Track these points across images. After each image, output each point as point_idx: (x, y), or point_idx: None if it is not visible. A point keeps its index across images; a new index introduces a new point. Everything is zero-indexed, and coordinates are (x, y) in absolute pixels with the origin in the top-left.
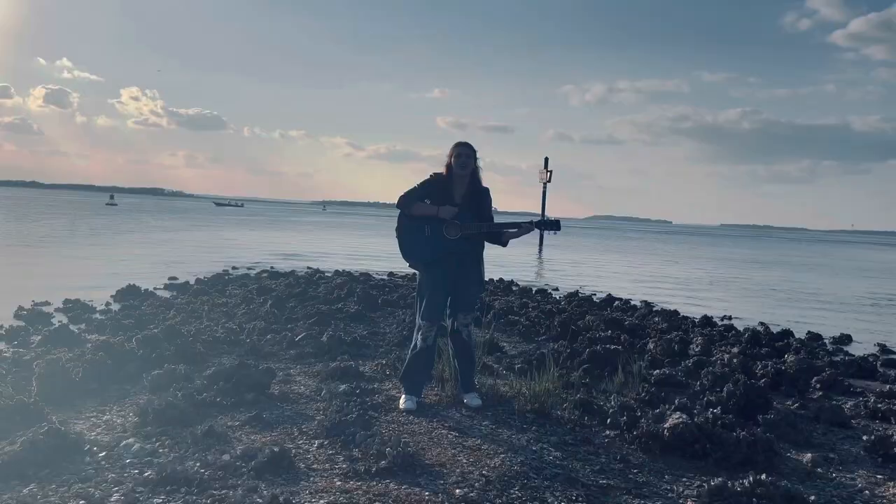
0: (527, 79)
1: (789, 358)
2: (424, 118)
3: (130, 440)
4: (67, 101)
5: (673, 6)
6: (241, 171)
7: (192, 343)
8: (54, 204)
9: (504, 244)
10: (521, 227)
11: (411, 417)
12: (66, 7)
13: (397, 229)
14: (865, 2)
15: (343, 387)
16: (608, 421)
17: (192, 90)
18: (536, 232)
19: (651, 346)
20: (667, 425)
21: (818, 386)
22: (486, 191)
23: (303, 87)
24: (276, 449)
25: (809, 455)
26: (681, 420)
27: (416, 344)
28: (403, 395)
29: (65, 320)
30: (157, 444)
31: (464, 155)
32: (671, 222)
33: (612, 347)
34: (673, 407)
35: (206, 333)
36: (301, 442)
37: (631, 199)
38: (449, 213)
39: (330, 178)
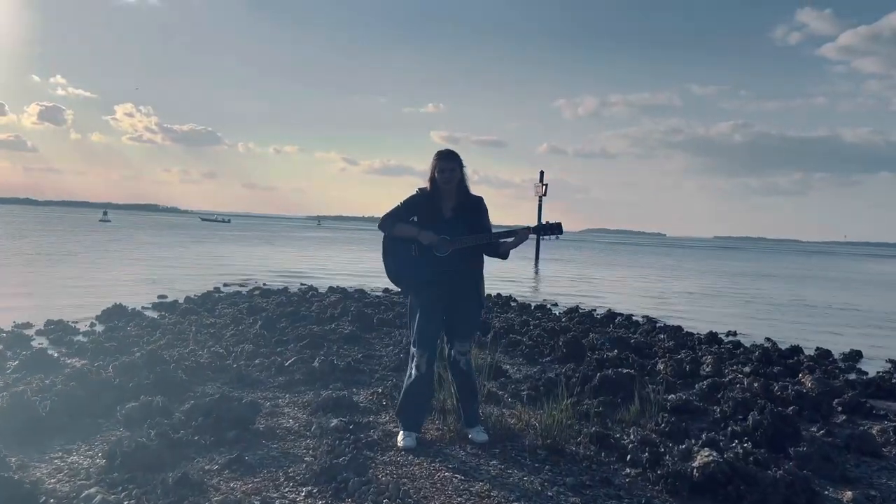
0: (519, 93)
1: (807, 379)
2: (418, 133)
3: (93, 490)
4: (62, 117)
5: (663, 20)
6: (236, 187)
7: (173, 370)
8: (47, 221)
9: (504, 256)
10: (518, 235)
11: (411, 457)
12: (59, 24)
13: (383, 252)
14: (855, 14)
15: (335, 421)
16: (628, 457)
17: (186, 106)
18: (531, 243)
19: (661, 366)
20: (696, 464)
21: (840, 409)
22: (480, 200)
23: (297, 103)
24: (257, 501)
25: (850, 493)
26: (711, 458)
27: (410, 373)
28: (402, 432)
29: (45, 343)
30: (123, 494)
31: (447, 169)
32: (665, 235)
33: (625, 372)
34: (700, 442)
35: (190, 359)
36: (287, 490)
37: (625, 211)
38: (429, 238)
39: (325, 193)
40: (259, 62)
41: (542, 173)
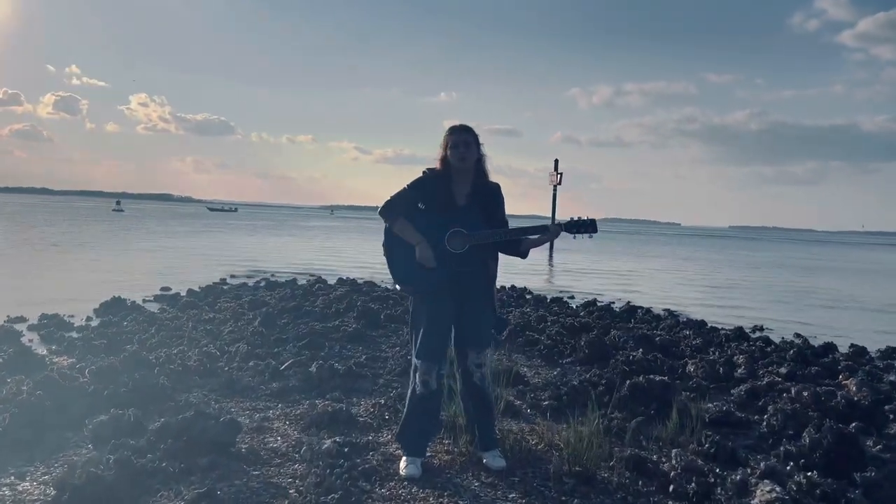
0: (533, 82)
1: (850, 383)
2: (431, 122)
3: None
4: (77, 107)
5: (679, 8)
6: (250, 176)
7: (156, 375)
8: (61, 210)
9: (524, 254)
10: (548, 232)
11: (415, 489)
12: (74, 14)
13: (385, 245)
14: (874, 1)
15: (328, 443)
16: (671, 488)
17: (199, 96)
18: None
19: (691, 368)
20: (756, 502)
21: (892, 417)
22: (497, 187)
23: (309, 92)
24: None
25: None
26: (775, 495)
27: (414, 390)
28: (404, 458)
29: (35, 340)
30: None
31: (462, 144)
32: (680, 224)
33: (658, 379)
34: (758, 471)
35: (177, 361)
36: None
37: (639, 201)
38: (426, 258)
39: (338, 182)
40: (271, 51)
41: (556, 162)
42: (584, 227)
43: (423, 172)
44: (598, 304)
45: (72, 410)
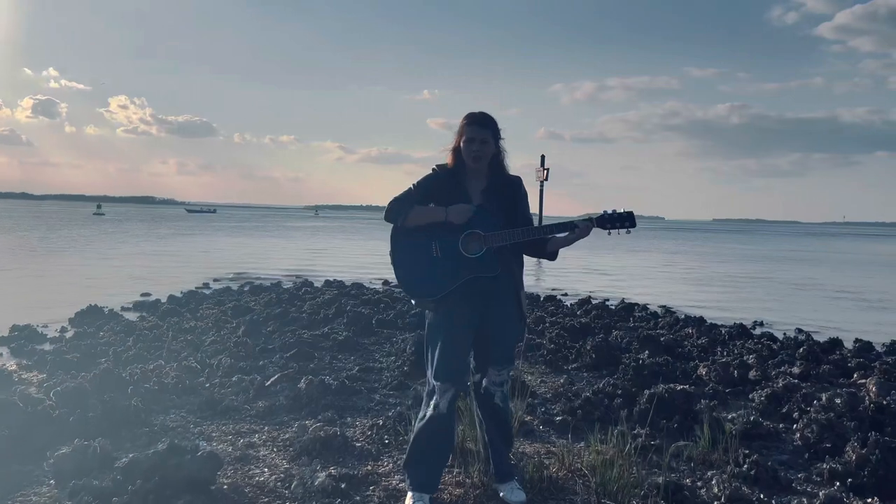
0: (516, 78)
1: (870, 383)
2: (415, 120)
3: None
4: (56, 111)
5: (659, 2)
6: (233, 178)
7: (129, 395)
8: (41, 215)
9: (552, 256)
10: (579, 230)
11: None
12: (51, 16)
13: (391, 253)
14: None
15: (322, 476)
16: None
17: (180, 97)
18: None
19: (703, 371)
20: None
21: None
22: (518, 182)
23: (292, 93)
24: None
25: None
26: None
27: (424, 413)
28: (410, 493)
29: (5, 354)
30: None
31: (477, 140)
32: (664, 218)
33: (679, 388)
34: (817, 501)
35: (153, 378)
36: None
37: (623, 196)
38: (462, 214)
39: (322, 182)
40: (252, 52)
41: (542, 157)
42: (620, 220)
43: (434, 169)
44: (593, 301)
45: (33, 440)
